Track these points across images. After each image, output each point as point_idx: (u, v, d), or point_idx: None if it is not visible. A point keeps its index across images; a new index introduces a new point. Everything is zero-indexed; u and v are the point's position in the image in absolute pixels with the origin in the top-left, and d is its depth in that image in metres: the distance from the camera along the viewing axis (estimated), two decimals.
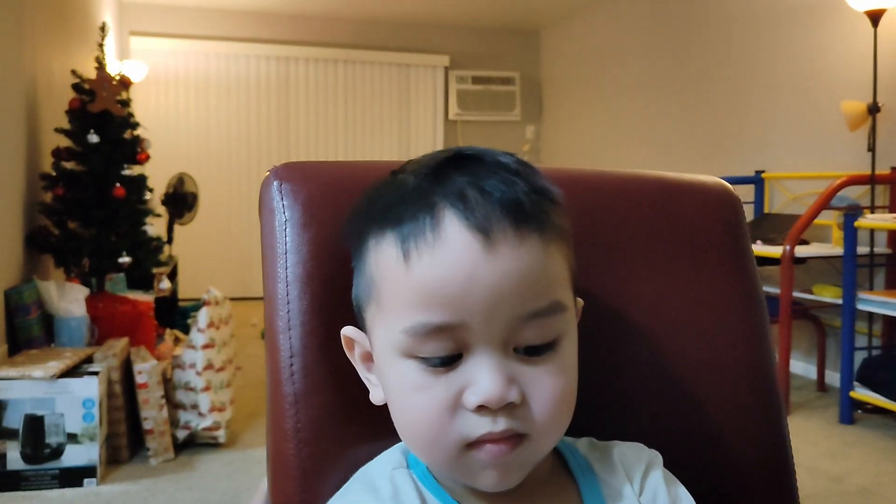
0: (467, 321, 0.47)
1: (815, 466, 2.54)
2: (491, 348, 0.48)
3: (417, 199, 0.49)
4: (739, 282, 0.72)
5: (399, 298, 0.49)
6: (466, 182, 0.49)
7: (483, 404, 0.47)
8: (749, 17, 4.18)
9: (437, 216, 0.48)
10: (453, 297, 0.47)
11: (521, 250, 0.47)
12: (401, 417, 0.52)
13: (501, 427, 0.48)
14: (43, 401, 2.29)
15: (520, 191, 0.49)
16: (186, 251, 5.36)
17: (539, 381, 0.49)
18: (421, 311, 0.48)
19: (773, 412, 0.70)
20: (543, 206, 0.50)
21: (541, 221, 0.49)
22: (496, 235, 0.47)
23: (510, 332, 0.48)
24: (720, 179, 0.76)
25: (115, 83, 3.17)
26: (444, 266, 0.47)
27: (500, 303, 0.47)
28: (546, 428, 0.50)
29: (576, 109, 6.17)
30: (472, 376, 0.48)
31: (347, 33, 6.32)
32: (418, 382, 0.49)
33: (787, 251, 3.02)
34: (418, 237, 0.48)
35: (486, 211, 0.47)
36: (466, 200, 0.48)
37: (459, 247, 0.47)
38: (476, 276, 0.46)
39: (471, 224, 0.47)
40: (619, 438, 0.62)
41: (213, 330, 2.65)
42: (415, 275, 0.48)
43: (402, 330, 0.49)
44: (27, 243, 3.04)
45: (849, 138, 3.42)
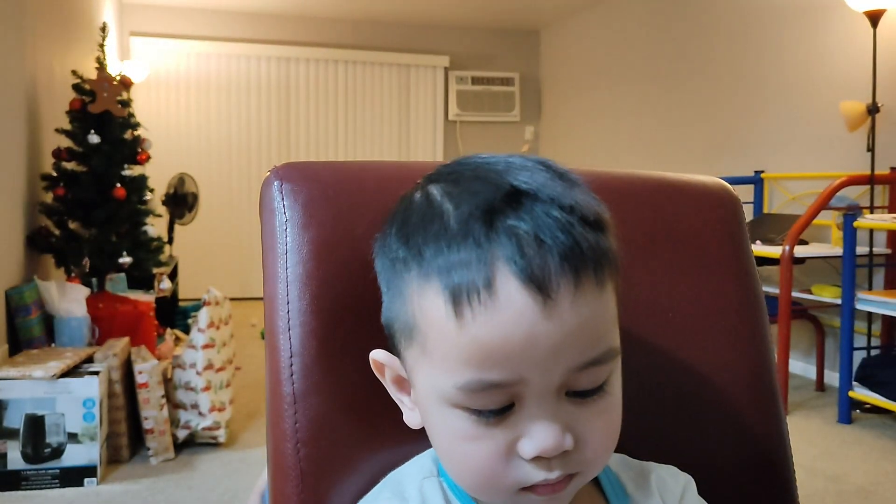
0: (525, 377, 0.46)
1: (814, 466, 2.54)
2: (546, 398, 0.47)
3: (467, 245, 0.45)
4: (739, 282, 0.72)
5: (450, 354, 0.47)
6: (522, 231, 0.45)
7: (540, 455, 0.47)
8: (749, 18, 4.18)
9: (491, 272, 0.44)
10: (511, 357, 0.45)
11: (579, 303, 0.45)
12: (451, 463, 0.51)
13: (556, 474, 0.48)
14: (43, 400, 2.29)
15: (577, 235, 0.46)
16: (187, 251, 5.36)
17: (590, 422, 0.49)
18: (476, 370, 0.46)
19: (772, 411, 0.71)
20: (598, 242, 0.47)
21: (597, 263, 0.46)
22: (555, 293, 0.44)
23: (564, 382, 0.47)
24: (720, 179, 0.76)
25: (115, 84, 3.17)
26: (502, 327, 0.44)
27: (558, 358, 0.46)
28: (597, 463, 0.51)
29: (575, 110, 6.17)
30: (527, 427, 0.47)
31: (347, 34, 6.32)
32: (469, 433, 0.48)
33: (787, 251, 3.02)
34: (471, 294, 0.45)
35: (544, 264, 0.44)
36: (523, 254, 0.44)
37: (518, 306, 0.44)
38: (535, 336, 0.45)
39: (529, 282, 0.44)
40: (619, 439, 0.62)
41: (213, 330, 2.65)
42: (469, 333, 0.45)
43: (454, 385, 0.47)
44: (28, 243, 3.04)
45: (848, 138, 3.42)
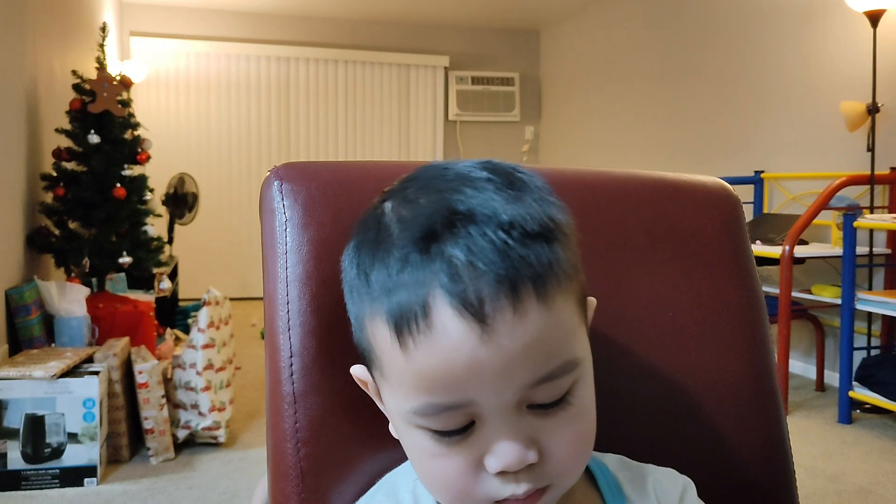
0: (475, 399, 0.46)
1: (814, 466, 2.54)
2: (504, 414, 0.47)
3: (406, 272, 0.46)
4: (739, 282, 0.72)
5: (401, 380, 0.48)
6: (456, 258, 0.45)
7: (505, 471, 0.47)
8: (749, 18, 4.18)
9: (427, 301, 0.45)
10: (457, 383, 0.46)
11: (520, 326, 0.45)
12: (423, 478, 0.52)
13: (524, 489, 0.48)
14: (43, 400, 2.29)
15: (514, 255, 0.45)
16: (187, 251, 5.36)
17: (556, 433, 0.49)
18: (425, 395, 0.47)
19: (772, 412, 0.71)
20: (541, 256, 0.46)
21: (539, 280, 0.45)
22: (492, 319, 0.44)
23: (521, 398, 0.47)
24: (719, 179, 0.76)
25: (115, 83, 3.17)
26: (442, 355, 0.45)
27: (506, 381, 0.46)
28: (568, 474, 0.50)
29: (575, 110, 6.17)
30: (490, 443, 0.48)
31: (347, 33, 6.32)
32: (435, 450, 0.49)
33: (787, 251, 3.02)
34: (411, 323, 0.45)
35: (478, 290, 0.44)
36: (457, 280, 0.45)
37: (454, 335, 0.45)
38: (477, 361, 0.45)
39: (463, 309, 0.44)
40: (616, 439, 0.62)
41: (213, 330, 2.65)
42: (413, 361, 0.46)
43: (410, 410, 0.48)
44: (28, 243, 3.04)
45: (848, 138, 3.42)
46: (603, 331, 0.67)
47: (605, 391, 0.66)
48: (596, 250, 0.69)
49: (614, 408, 0.66)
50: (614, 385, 0.67)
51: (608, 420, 0.66)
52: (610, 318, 0.67)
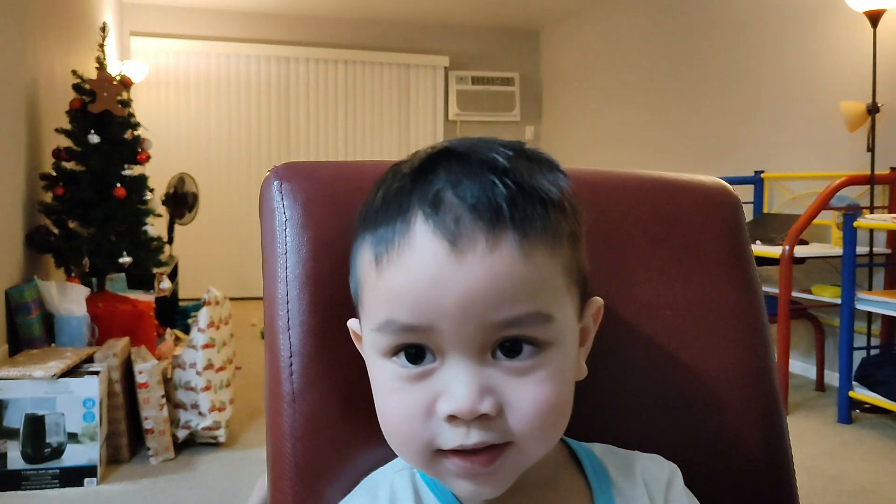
0: (436, 325, 0.46)
1: (814, 466, 2.54)
2: (465, 356, 0.46)
3: (396, 201, 0.48)
4: (738, 282, 0.72)
5: (372, 300, 0.49)
6: (443, 184, 0.47)
7: (454, 414, 0.46)
8: (749, 18, 4.18)
9: (407, 221, 0.47)
10: (419, 300, 0.46)
11: (492, 257, 0.45)
12: (380, 417, 0.52)
13: (474, 440, 0.46)
14: (43, 400, 2.29)
15: (499, 194, 0.46)
16: (187, 251, 5.36)
17: (520, 389, 0.47)
18: (388, 311, 0.47)
19: (772, 411, 0.71)
20: (529, 209, 0.47)
21: (522, 227, 0.46)
22: (464, 242, 0.45)
23: (485, 340, 0.46)
24: (719, 179, 0.76)
25: (115, 83, 3.17)
26: (410, 271, 0.46)
27: (469, 309, 0.45)
28: (530, 438, 0.48)
29: (575, 110, 6.17)
30: (446, 384, 0.47)
31: (347, 33, 6.32)
32: (394, 385, 0.49)
33: (787, 251, 3.02)
34: (389, 242, 0.47)
35: (457, 216, 0.46)
36: (439, 205, 0.46)
37: (426, 252, 0.46)
38: (442, 282, 0.45)
39: (438, 230, 0.46)
40: (617, 439, 0.62)
41: (213, 330, 2.65)
42: (384, 278, 0.47)
43: (372, 328, 0.49)
44: (27, 243, 3.04)
45: (848, 138, 3.42)
46: (603, 330, 0.67)
47: (605, 390, 0.66)
48: (596, 250, 0.69)
49: (614, 406, 0.66)
50: (614, 384, 0.67)
51: (609, 418, 0.66)
52: (609, 318, 0.67)
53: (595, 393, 0.66)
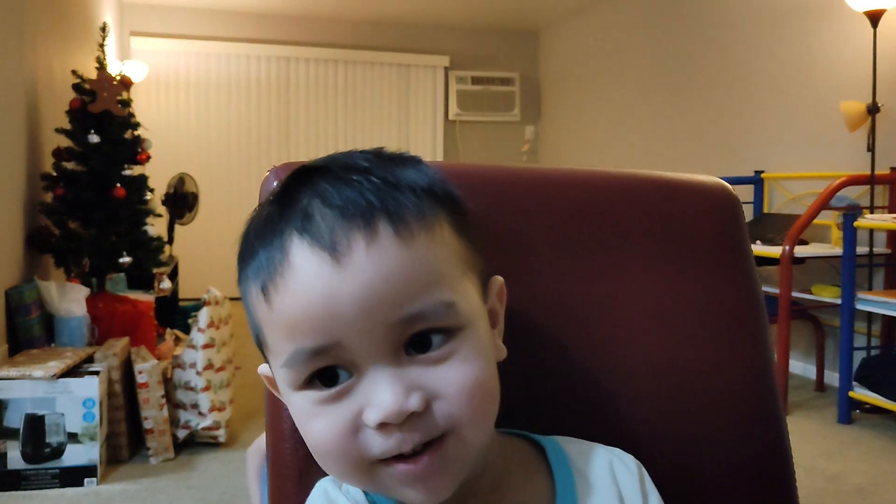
0: (342, 341, 0.45)
1: (813, 466, 2.54)
2: (380, 362, 0.45)
3: (268, 228, 0.47)
4: (738, 282, 0.72)
5: (273, 337, 0.48)
6: (309, 199, 0.46)
7: (384, 421, 0.44)
8: (749, 17, 4.18)
9: (283, 245, 0.46)
10: (316, 321, 0.44)
11: (376, 256, 0.44)
12: (309, 446, 0.50)
13: (411, 445, 0.45)
14: (43, 400, 2.29)
15: (365, 190, 0.46)
16: (187, 251, 5.35)
17: (442, 376, 0.46)
18: (291, 341, 0.46)
19: (772, 412, 0.71)
20: (398, 198, 0.46)
21: (396, 218, 0.45)
22: (342, 248, 0.44)
23: (395, 341, 0.45)
24: (719, 179, 0.76)
25: (115, 83, 3.17)
26: (298, 294, 0.45)
27: (368, 314, 0.44)
28: (465, 421, 0.46)
29: (575, 110, 6.17)
30: (368, 395, 0.45)
31: (347, 33, 6.32)
32: (313, 412, 0.47)
33: (787, 251, 3.02)
34: (270, 271, 0.46)
35: (330, 225, 0.45)
36: (309, 220, 0.45)
37: (310, 270, 0.45)
38: (334, 295, 0.44)
39: (316, 244, 0.45)
40: (618, 440, 0.62)
41: (213, 330, 2.65)
42: (277, 312, 0.46)
43: (280, 365, 0.47)
44: (27, 243, 3.04)
45: (848, 138, 3.42)
46: (602, 331, 0.67)
47: (605, 390, 0.66)
48: (595, 250, 0.69)
49: (612, 407, 0.66)
50: (613, 385, 0.67)
51: (607, 419, 0.66)
52: (609, 318, 0.67)
53: (594, 393, 0.66)
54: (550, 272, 0.66)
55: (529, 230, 0.67)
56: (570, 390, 0.65)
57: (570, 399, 0.65)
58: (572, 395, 0.65)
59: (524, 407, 0.63)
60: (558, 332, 0.66)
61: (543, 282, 0.66)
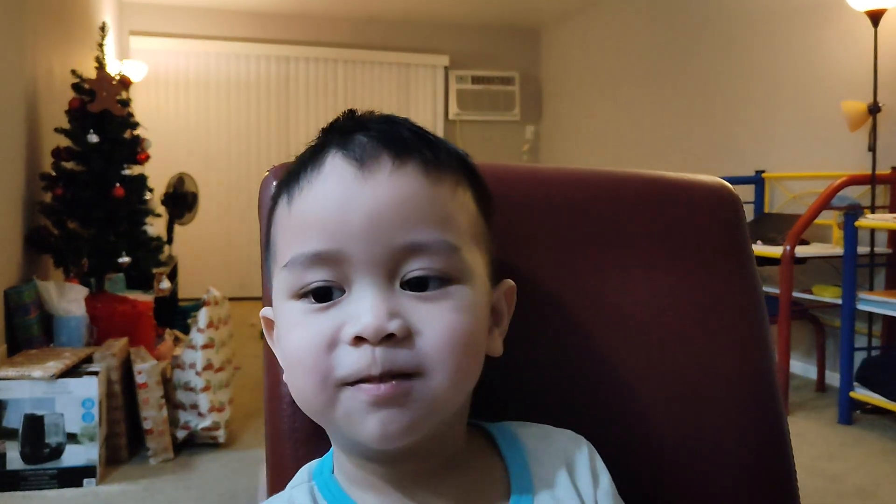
0: (345, 249, 0.46)
1: (814, 466, 2.54)
2: (373, 280, 0.46)
3: (311, 150, 0.51)
4: (739, 282, 0.72)
5: (283, 239, 0.50)
6: (353, 128, 0.50)
7: (359, 335, 0.44)
8: (749, 18, 4.18)
9: (320, 158, 0.49)
10: (328, 223, 0.46)
11: (398, 176, 0.47)
12: (283, 361, 0.50)
13: (380, 369, 0.44)
14: (42, 401, 2.29)
15: (405, 129, 0.50)
16: (186, 251, 5.35)
17: (429, 315, 0.46)
18: (299, 243, 0.47)
19: (773, 412, 0.70)
20: (432, 145, 0.50)
21: (425, 155, 0.48)
22: (370, 163, 0.47)
23: (393, 263, 0.46)
24: (720, 179, 0.76)
25: (114, 83, 3.17)
26: (319, 195, 0.47)
27: (377, 229, 0.46)
28: (440, 366, 0.46)
29: (576, 109, 6.17)
30: (353, 310, 0.46)
31: (347, 33, 6.32)
32: (299, 320, 0.47)
33: (787, 251, 3.02)
34: (302, 176, 0.49)
35: (364, 143, 0.48)
36: (349, 140, 0.49)
37: (334, 176, 0.47)
38: (350, 202, 0.46)
39: (347, 155, 0.48)
40: (617, 439, 0.61)
41: (212, 330, 2.65)
42: (293, 211, 0.49)
43: (282, 267, 0.49)
44: (27, 243, 3.03)
45: (849, 138, 3.42)
46: (602, 331, 0.67)
47: (605, 389, 0.66)
48: (595, 249, 0.68)
49: (612, 406, 0.66)
50: (612, 384, 0.66)
51: (607, 419, 0.65)
52: (609, 318, 0.67)
53: (595, 392, 0.65)
54: (550, 271, 0.66)
55: (529, 229, 0.66)
56: (569, 388, 0.65)
57: (568, 396, 0.65)
58: (571, 392, 0.65)
59: (521, 403, 0.63)
60: (558, 331, 0.66)
61: (543, 280, 0.66)
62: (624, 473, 0.59)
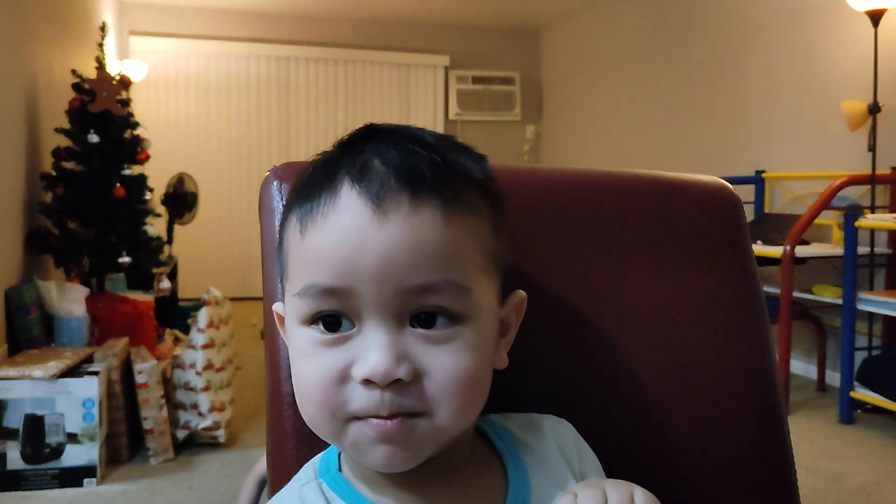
0: (355, 288, 0.46)
1: (815, 466, 2.54)
2: (383, 321, 0.47)
3: (324, 171, 0.50)
4: (739, 282, 0.72)
5: (295, 266, 0.50)
6: (371, 154, 0.49)
7: (369, 378, 0.46)
8: (749, 17, 4.18)
9: (334, 187, 0.48)
10: (340, 261, 0.47)
11: (414, 220, 0.47)
12: (295, 385, 0.51)
13: (388, 408, 0.46)
14: (43, 401, 2.29)
15: (423, 161, 0.48)
16: (186, 251, 5.35)
17: (437, 357, 0.47)
18: (310, 275, 0.48)
19: (774, 412, 0.70)
20: (451, 180, 0.49)
21: (444, 195, 0.48)
22: (388, 204, 0.47)
23: (403, 306, 0.47)
24: (720, 179, 0.76)
25: (115, 83, 3.17)
26: (333, 232, 0.47)
27: (388, 271, 0.46)
28: (444, 408, 0.47)
29: (576, 109, 6.17)
30: (363, 349, 0.47)
31: (347, 33, 6.31)
32: (311, 350, 0.49)
33: (788, 251, 3.02)
34: (315, 207, 0.48)
35: (382, 179, 0.47)
36: (366, 171, 0.48)
37: (349, 214, 0.47)
38: (364, 243, 0.46)
39: (363, 192, 0.47)
40: (618, 438, 0.61)
41: (212, 330, 2.65)
42: (307, 242, 0.49)
43: (293, 294, 0.49)
44: (27, 243, 3.03)
45: (849, 138, 3.42)
46: (603, 331, 0.67)
47: (603, 389, 0.66)
48: (596, 250, 0.68)
49: (613, 406, 0.66)
50: (613, 383, 0.67)
51: (608, 418, 0.65)
52: (610, 318, 0.67)
53: (595, 391, 0.65)
54: (550, 271, 0.66)
55: (530, 229, 0.66)
56: (571, 387, 0.65)
57: (569, 394, 0.65)
58: (572, 392, 0.65)
59: (526, 402, 0.63)
60: (559, 331, 0.66)
61: (543, 280, 0.66)
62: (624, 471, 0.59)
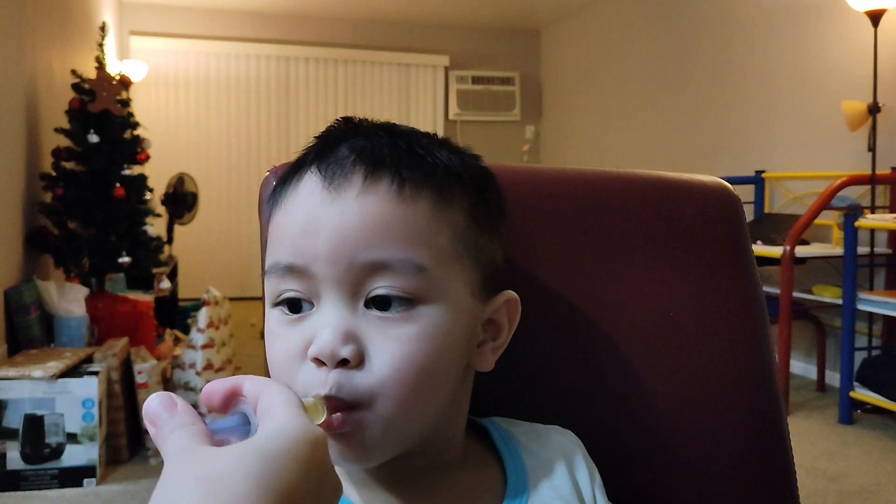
0: (311, 267, 0.47)
1: (815, 466, 2.54)
2: (338, 301, 0.47)
3: (297, 163, 0.52)
4: (739, 282, 0.72)
5: (269, 246, 0.51)
6: (337, 140, 0.51)
7: (317, 357, 0.46)
8: (749, 17, 4.18)
9: (301, 171, 0.50)
10: (296, 239, 0.48)
11: (367, 198, 0.47)
12: (268, 365, 0.52)
13: (328, 388, 0.45)
14: (43, 401, 2.29)
15: (384, 144, 0.50)
16: (186, 251, 5.35)
17: (385, 340, 0.46)
18: (274, 254, 0.50)
19: (773, 412, 0.70)
20: (413, 162, 0.49)
21: (401, 174, 0.48)
22: (340, 181, 0.48)
23: (357, 282, 0.47)
24: (720, 179, 0.76)
25: (115, 83, 3.16)
26: (289, 213, 0.49)
27: (341, 247, 0.46)
28: (385, 395, 0.46)
29: (576, 109, 6.17)
30: (318, 328, 0.47)
31: (347, 33, 6.31)
32: (277, 331, 0.50)
33: (788, 251, 3.02)
34: (282, 193, 0.51)
35: (341, 163, 0.49)
36: (328, 156, 0.50)
37: (305, 195, 0.49)
38: (316, 222, 0.47)
39: (320, 175, 0.49)
40: (618, 439, 0.61)
41: (212, 330, 2.65)
42: (274, 221, 0.51)
43: (263, 273, 0.51)
44: (27, 243, 3.03)
45: (849, 138, 3.42)
46: (603, 331, 0.67)
47: (603, 390, 0.66)
48: (596, 250, 0.68)
49: (614, 406, 0.66)
50: (613, 383, 0.66)
51: (608, 418, 0.65)
52: (610, 318, 0.67)
53: (595, 391, 0.65)
54: (550, 271, 0.66)
55: (529, 230, 0.66)
56: (568, 387, 0.65)
57: (568, 395, 0.65)
58: (571, 391, 0.65)
59: (524, 404, 0.63)
60: (558, 330, 0.66)
61: (543, 280, 0.66)
62: (624, 472, 0.59)
